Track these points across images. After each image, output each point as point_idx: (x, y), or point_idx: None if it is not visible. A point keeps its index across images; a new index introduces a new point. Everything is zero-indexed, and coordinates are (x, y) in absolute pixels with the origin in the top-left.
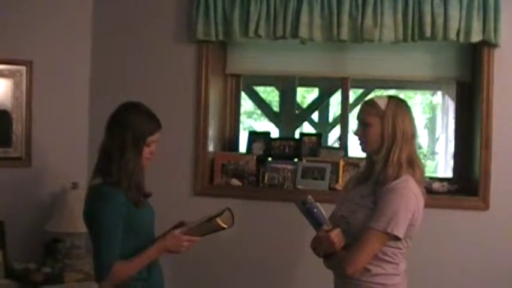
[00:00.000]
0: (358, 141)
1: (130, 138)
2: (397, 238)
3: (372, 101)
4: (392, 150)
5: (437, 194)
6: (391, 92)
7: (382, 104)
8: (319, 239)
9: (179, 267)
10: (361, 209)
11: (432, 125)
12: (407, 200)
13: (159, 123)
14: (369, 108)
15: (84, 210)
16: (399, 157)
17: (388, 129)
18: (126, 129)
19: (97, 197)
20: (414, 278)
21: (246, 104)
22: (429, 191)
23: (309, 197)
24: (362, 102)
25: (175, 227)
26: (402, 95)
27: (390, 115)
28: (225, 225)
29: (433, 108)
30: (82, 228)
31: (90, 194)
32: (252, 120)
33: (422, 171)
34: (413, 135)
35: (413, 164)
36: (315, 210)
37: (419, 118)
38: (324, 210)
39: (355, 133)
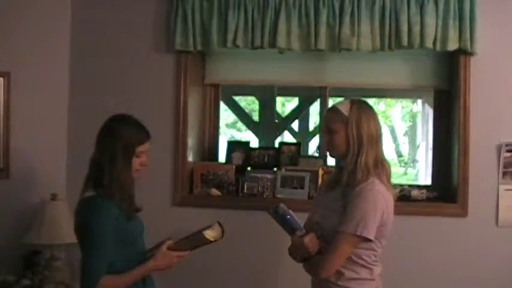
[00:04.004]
0: (326, 148)
1: (119, 148)
2: (367, 240)
3: (334, 107)
4: (359, 154)
5: (416, 201)
6: (372, 101)
7: (345, 109)
8: (294, 244)
9: (159, 277)
10: (333, 214)
11: (413, 133)
12: (375, 202)
13: (148, 134)
14: (332, 115)
15: (76, 223)
16: (366, 161)
17: (353, 134)
18: (115, 140)
19: (90, 209)
20: (393, 284)
21: (228, 115)
22: (408, 199)
23: (281, 204)
24: (326, 110)
25: (161, 243)
26: (382, 103)
27: (354, 120)
28: (212, 239)
29: (413, 117)
30: (61, 239)
31: (83, 206)
32: (234, 131)
33: (388, 171)
34: (378, 137)
35: (379, 165)
36: (288, 217)
37: (400, 126)
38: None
39: (322, 142)
